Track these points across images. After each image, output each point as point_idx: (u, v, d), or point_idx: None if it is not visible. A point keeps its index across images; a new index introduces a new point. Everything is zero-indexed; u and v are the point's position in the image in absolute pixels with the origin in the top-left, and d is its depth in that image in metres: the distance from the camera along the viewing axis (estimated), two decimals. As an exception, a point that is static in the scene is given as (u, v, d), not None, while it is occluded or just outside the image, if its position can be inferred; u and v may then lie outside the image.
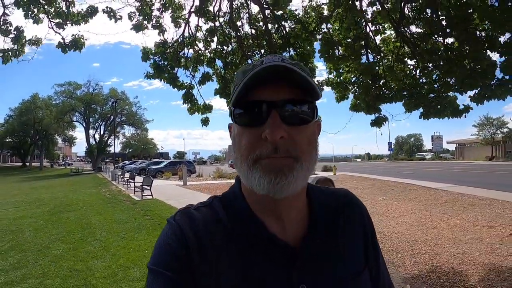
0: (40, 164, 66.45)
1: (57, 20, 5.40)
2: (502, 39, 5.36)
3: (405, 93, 6.55)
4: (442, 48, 5.77)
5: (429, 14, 5.82)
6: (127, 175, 25.14)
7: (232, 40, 7.23)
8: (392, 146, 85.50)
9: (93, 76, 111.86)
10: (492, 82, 5.66)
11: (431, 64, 6.29)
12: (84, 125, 61.95)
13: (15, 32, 5.37)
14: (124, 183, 22.59)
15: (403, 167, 41.48)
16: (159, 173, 34.95)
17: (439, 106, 6.37)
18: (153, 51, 6.97)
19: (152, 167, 38.32)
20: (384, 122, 6.79)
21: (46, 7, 5.38)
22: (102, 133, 63.31)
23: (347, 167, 48.36)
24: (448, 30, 5.75)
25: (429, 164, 49.45)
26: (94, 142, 62.17)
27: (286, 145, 0.77)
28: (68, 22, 5.35)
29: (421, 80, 6.61)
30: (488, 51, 5.43)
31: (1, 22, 5.17)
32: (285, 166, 0.77)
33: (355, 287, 0.88)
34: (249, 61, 7.12)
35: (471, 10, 5.34)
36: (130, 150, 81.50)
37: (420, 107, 6.42)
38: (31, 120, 62.62)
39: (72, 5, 5.35)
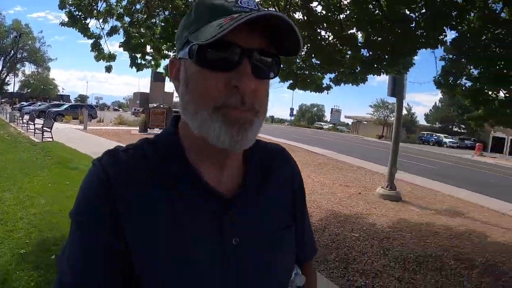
0: None
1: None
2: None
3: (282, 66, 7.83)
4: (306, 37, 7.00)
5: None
6: (26, 117, 24.49)
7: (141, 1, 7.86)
8: (295, 112, 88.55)
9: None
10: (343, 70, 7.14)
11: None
12: (-20, 59, 56.60)
13: None
14: (23, 125, 22.13)
15: (300, 133, 43.52)
16: (60, 116, 33.53)
17: (308, 80, 7.62)
18: (70, 2, 7.37)
19: (52, 110, 36.44)
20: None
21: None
22: (-1, 69, 58.55)
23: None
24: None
25: (324, 134, 52.22)
26: (-11, 79, 57.12)
27: (252, 98, 0.73)
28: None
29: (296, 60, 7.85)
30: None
31: None
32: (247, 121, 0.74)
33: (283, 239, 0.90)
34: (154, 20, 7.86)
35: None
36: (28, 90, 75.41)
37: (290, 79, 7.66)
38: None
39: None
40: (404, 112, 62.01)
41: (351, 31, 6.76)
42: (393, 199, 9.25)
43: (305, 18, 7.05)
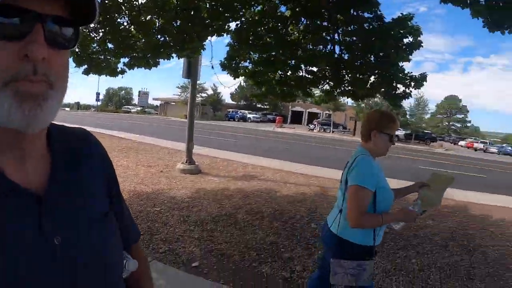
0: None
1: None
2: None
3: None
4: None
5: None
6: None
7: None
8: (102, 97, 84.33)
9: None
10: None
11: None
12: None
13: None
14: None
15: (106, 118, 41.93)
16: None
17: (103, 64, 7.59)
18: None
19: None
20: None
21: None
22: None
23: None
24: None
25: (132, 117, 51.24)
26: None
27: (45, 67, 0.64)
28: None
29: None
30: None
31: None
32: (40, 94, 0.64)
33: (104, 226, 0.85)
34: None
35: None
36: None
37: (85, 64, 7.48)
38: None
39: None
40: (211, 92, 65.45)
41: (149, 17, 6.97)
42: (193, 172, 9.89)
43: (103, 2, 7.07)
